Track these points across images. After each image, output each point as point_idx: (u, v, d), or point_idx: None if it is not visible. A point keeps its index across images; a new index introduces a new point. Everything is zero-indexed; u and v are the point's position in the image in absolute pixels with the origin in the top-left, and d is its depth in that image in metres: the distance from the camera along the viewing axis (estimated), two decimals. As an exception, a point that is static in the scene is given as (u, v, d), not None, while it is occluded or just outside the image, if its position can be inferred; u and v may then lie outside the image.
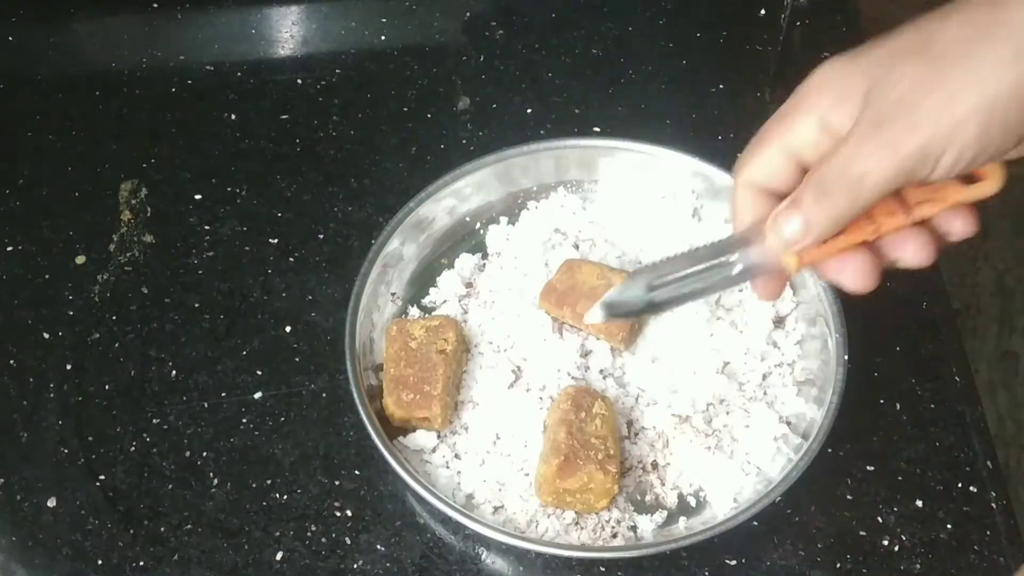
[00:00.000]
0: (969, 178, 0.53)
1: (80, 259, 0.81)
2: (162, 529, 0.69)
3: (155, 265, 0.81)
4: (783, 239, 0.52)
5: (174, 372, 0.76)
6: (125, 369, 0.76)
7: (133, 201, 0.84)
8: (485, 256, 0.79)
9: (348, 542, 0.69)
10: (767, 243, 0.53)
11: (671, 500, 0.69)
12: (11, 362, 0.76)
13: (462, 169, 0.79)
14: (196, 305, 0.79)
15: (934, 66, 0.49)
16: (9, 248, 0.82)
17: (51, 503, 0.70)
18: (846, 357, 0.69)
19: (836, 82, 0.51)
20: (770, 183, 0.54)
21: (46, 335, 0.77)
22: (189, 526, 0.69)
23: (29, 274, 0.80)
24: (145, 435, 0.73)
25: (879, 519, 0.69)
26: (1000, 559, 0.68)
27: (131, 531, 0.69)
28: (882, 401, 0.74)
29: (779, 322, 0.75)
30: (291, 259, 0.81)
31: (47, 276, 0.80)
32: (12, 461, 0.72)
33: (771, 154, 0.53)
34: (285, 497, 0.70)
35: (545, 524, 0.68)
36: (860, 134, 0.50)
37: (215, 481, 0.71)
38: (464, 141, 0.87)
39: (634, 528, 0.68)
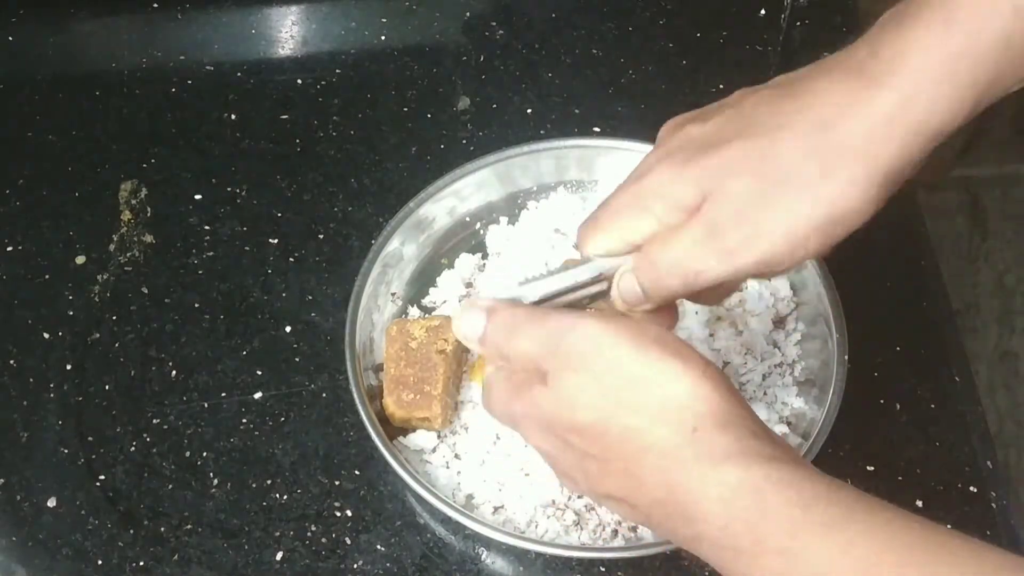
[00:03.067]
0: None
1: (80, 259, 0.81)
2: (162, 529, 0.69)
3: (155, 265, 0.81)
4: (623, 299, 0.57)
5: (174, 372, 0.76)
6: (125, 369, 0.76)
7: (133, 201, 0.84)
8: (485, 256, 0.79)
9: (348, 542, 0.69)
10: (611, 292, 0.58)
11: (671, 500, 0.69)
12: (11, 362, 0.76)
13: (462, 169, 0.79)
14: (196, 305, 0.79)
15: (771, 185, 0.51)
16: (9, 248, 0.82)
17: (51, 503, 0.70)
18: (846, 357, 0.69)
19: (668, 188, 0.54)
20: (611, 253, 0.57)
21: (46, 335, 0.77)
22: (189, 526, 0.69)
23: (29, 274, 0.80)
24: (145, 435, 0.73)
25: (879, 519, 0.69)
26: (1000, 559, 0.68)
27: (131, 531, 0.69)
28: (882, 401, 0.74)
29: (779, 322, 0.75)
30: (291, 259, 0.81)
31: (47, 276, 0.80)
32: (12, 461, 0.72)
33: (612, 240, 0.57)
34: (285, 497, 0.70)
35: (545, 524, 0.67)
36: (695, 239, 0.53)
37: (215, 481, 0.71)
38: (464, 141, 0.87)
39: (635, 528, 0.68)
